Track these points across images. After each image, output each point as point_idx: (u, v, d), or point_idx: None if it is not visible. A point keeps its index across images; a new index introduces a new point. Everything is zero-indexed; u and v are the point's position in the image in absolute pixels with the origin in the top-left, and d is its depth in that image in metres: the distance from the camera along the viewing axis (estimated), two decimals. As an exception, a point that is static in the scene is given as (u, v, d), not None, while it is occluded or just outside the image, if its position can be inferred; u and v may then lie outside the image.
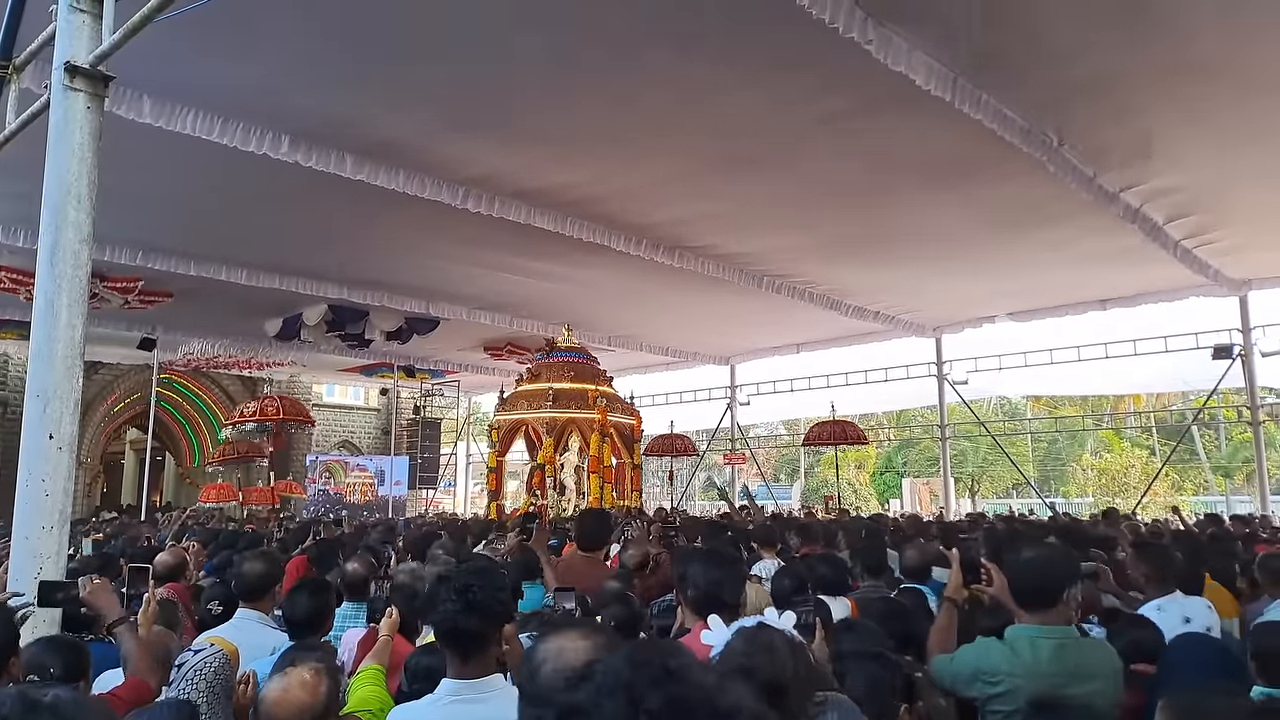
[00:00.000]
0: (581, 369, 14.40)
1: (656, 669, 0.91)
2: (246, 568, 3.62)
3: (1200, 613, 3.57)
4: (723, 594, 2.98)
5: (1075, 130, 8.80)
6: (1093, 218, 11.00)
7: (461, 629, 2.32)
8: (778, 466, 39.05)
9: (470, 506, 28.68)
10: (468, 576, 2.39)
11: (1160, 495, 26.76)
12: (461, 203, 9.89)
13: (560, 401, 13.68)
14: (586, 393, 13.78)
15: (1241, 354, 15.29)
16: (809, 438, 17.43)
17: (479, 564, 2.82)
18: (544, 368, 14.53)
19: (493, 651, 2.42)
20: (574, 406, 13.72)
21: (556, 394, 13.67)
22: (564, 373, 14.19)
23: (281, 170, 8.77)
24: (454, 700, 2.28)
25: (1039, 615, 2.77)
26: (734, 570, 3.13)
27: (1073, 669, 2.68)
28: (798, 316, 16.78)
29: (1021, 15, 6.84)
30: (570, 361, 14.51)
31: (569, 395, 13.80)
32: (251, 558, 3.77)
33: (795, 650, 1.96)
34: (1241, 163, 9.63)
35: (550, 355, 14.77)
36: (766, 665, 1.90)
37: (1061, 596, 2.78)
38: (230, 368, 21.86)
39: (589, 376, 14.32)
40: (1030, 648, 2.71)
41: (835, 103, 8.24)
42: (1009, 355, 18.27)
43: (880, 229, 12.07)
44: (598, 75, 7.64)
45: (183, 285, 13.50)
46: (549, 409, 13.65)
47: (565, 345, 14.83)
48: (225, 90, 7.65)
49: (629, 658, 0.93)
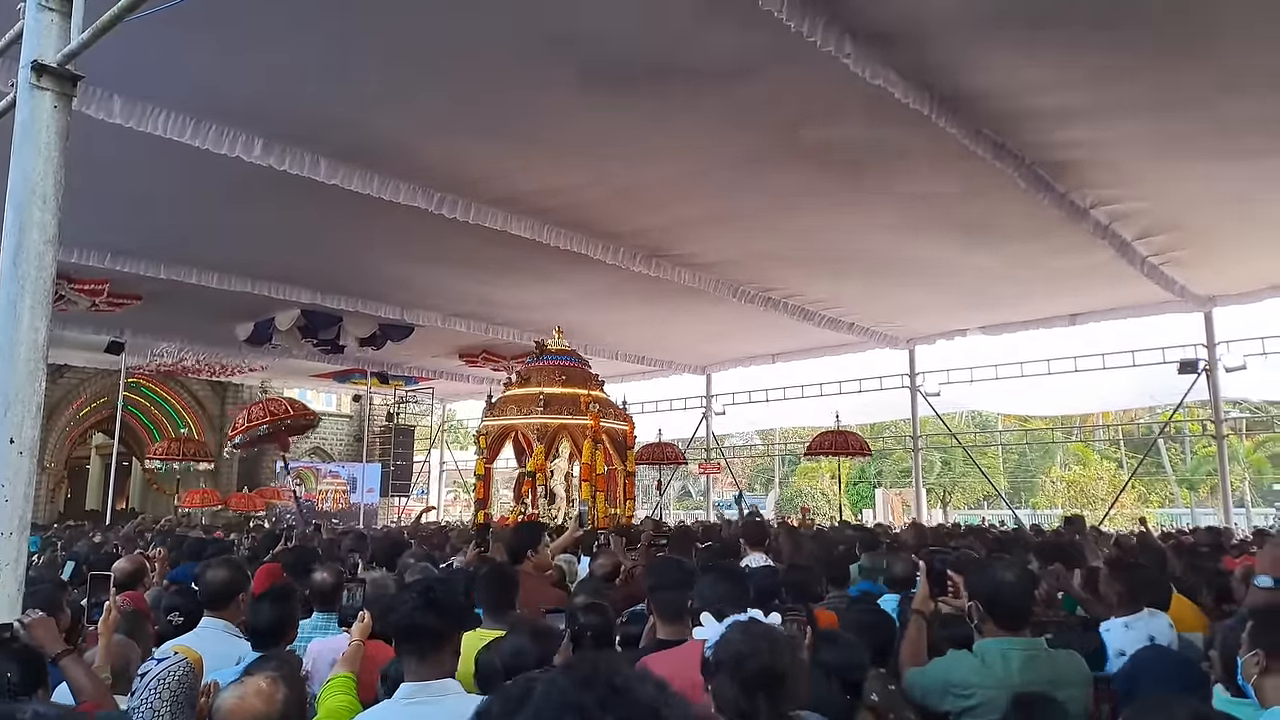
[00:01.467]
0: (573, 372, 13.73)
1: (603, 687, 0.88)
2: (210, 575, 3.56)
3: (1163, 632, 3.62)
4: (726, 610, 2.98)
5: (1045, 148, 8.93)
6: (1063, 234, 11.15)
7: (419, 625, 2.32)
8: (752, 476, 39.16)
9: (443, 514, 28.48)
10: (430, 579, 2.39)
11: (1127, 507, 27.14)
12: (437, 208, 9.85)
13: (551, 407, 13.02)
14: (578, 397, 13.17)
15: (1206, 369, 15.54)
16: (812, 447, 16.94)
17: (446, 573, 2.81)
18: (534, 371, 13.84)
19: (450, 653, 2.41)
20: (565, 412, 13.09)
21: (547, 399, 13.05)
22: (555, 376, 13.50)
23: (254, 173, 8.68)
24: (409, 703, 2.27)
25: (1010, 631, 2.81)
26: (740, 587, 3.12)
27: (1044, 679, 2.71)
28: (773, 327, 16.85)
29: (996, 50, 6.96)
30: (561, 365, 13.80)
31: (560, 400, 13.15)
32: (215, 565, 3.71)
33: (791, 643, 1.99)
34: (1206, 183, 9.80)
35: (540, 358, 14.03)
36: (766, 652, 1.92)
37: (1032, 615, 2.85)
38: (200, 373, 21.62)
39: (581, 380, 13.67)
40: (1001, 659, 2.74)
41: (809, 119, 8.31)
42: (980, 368, 18.46)
43: (854, 243, 12.17)
44: (574, 85, 7.64)
45: (152, 288, 13.33)
46: (540, 414, 13.03)
47: (556, 348, 14.08)
48: (198, 91, 7.57)
49: (573, 677, 0.90)
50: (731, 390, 22.31)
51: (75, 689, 2.81)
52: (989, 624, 2.86)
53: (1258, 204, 10.45)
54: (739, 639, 1.98)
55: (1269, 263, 13.15)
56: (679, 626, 3.16)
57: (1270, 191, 10.02)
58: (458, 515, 29.20)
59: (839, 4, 6.34)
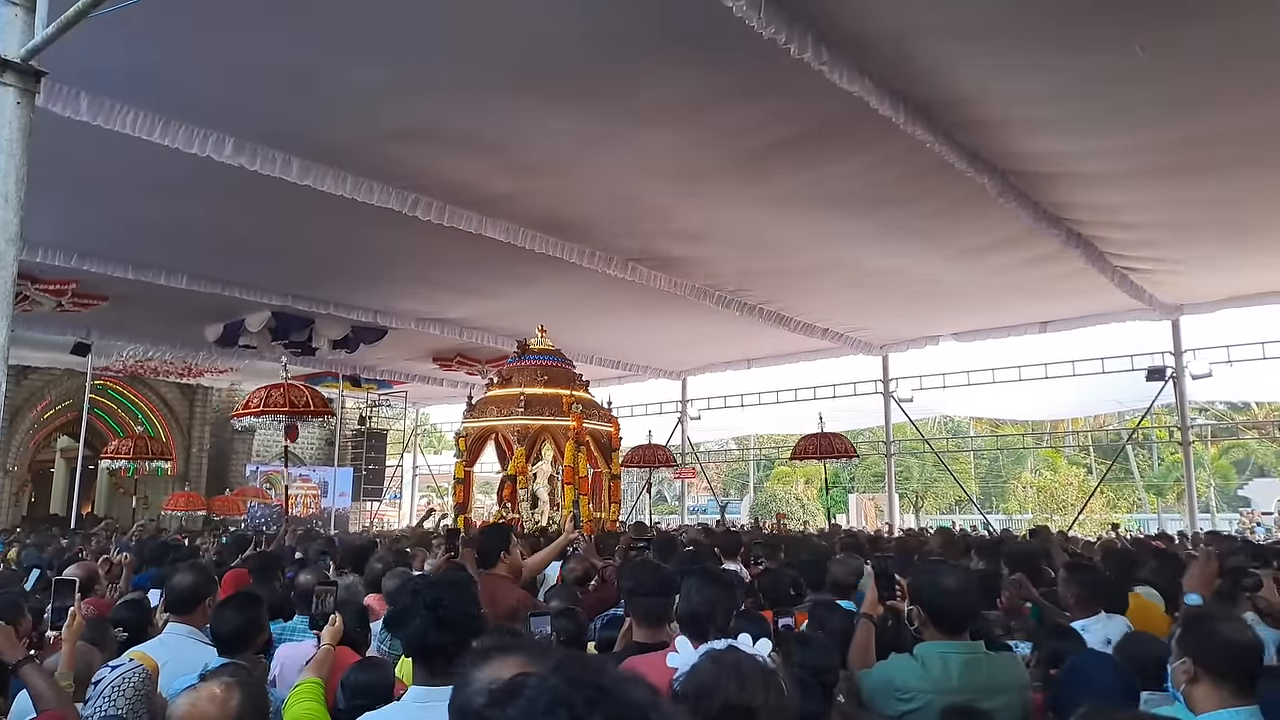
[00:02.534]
0: (555, 372, 13.38)
1: (591, 686, 0.89)
2: (176, 580, 3.50)
3: (1120, 634, 3.67)
4: (716, 615, 2.96)
5: (1018, 157, 9.04)
6: (1034, 243, 11.29)
7: (432, 644, 2.30)
8: (727, 481, 39.22)
9: (416, 519, 28.25)
10: (438, 590, 2.36)
11: (1096, 512, 27.45)
12: (411, 210, 9.77)
13: (533, 407, 12.73)
14: (560, 398, 12.85)
15: (1173, 376, 15.77)
16: (797, 451, 16.55)
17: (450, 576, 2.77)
18: (515, 371, 13.53)
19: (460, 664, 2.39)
20: (547, 413, 12.79)
21: (529, 399, 12.74)
22: (536, 376, 13.16)
23: (225, 173, 8.58)
24: (420, 707, 2.26)
25: (950, 635, 2.83)
26: (729, 592, 3.10)
27: (983, 683, 2.74)
28: (749, 333, 16.92)
29: (970, 61, 7.02)
30: (543, 365, 13.45)
31: (542, 401, 12.84)
32: (181, 569, 3.65)
33: (768, 677, 1.86)
34: (1176, 194, 9.94)
35: (522, 357, 13.70)
36: (732, 688, 1.82)
37: (975, 621, 2.87)
38: (169, 374, 21.34)
39: (563, 380, 13.33)
40: (940, 663, 2.76)
41: (784, 130, 8.36)
42: (953, 374, 18.62)
43: (829, 251, 12.26)
44: (544, 91, 7.62)
45: (120, 289, 13.14)
46: (520, 415, 12.70)
47: (539, 347, 13.67)
48: (167, 90, 7.47)
49: (563, 675, 0.91)
50: (707, 395, 22.34)
51: (35, 697, 2.75)
52: (930, 628, 2.87)
53: (1227, 215, 10.63)
54: (706, 671, 1.88)
55: (1235, 273, 13.38)
56: (656, 630, 3.15)
57: (1238, 203, 10.19)
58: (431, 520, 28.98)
59: (815, 12, 6.37)
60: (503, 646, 1.78)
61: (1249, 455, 33.39)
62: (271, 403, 10.63)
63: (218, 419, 25.26)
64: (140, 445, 16.36)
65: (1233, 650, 2.36)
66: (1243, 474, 33.81)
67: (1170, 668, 2.45)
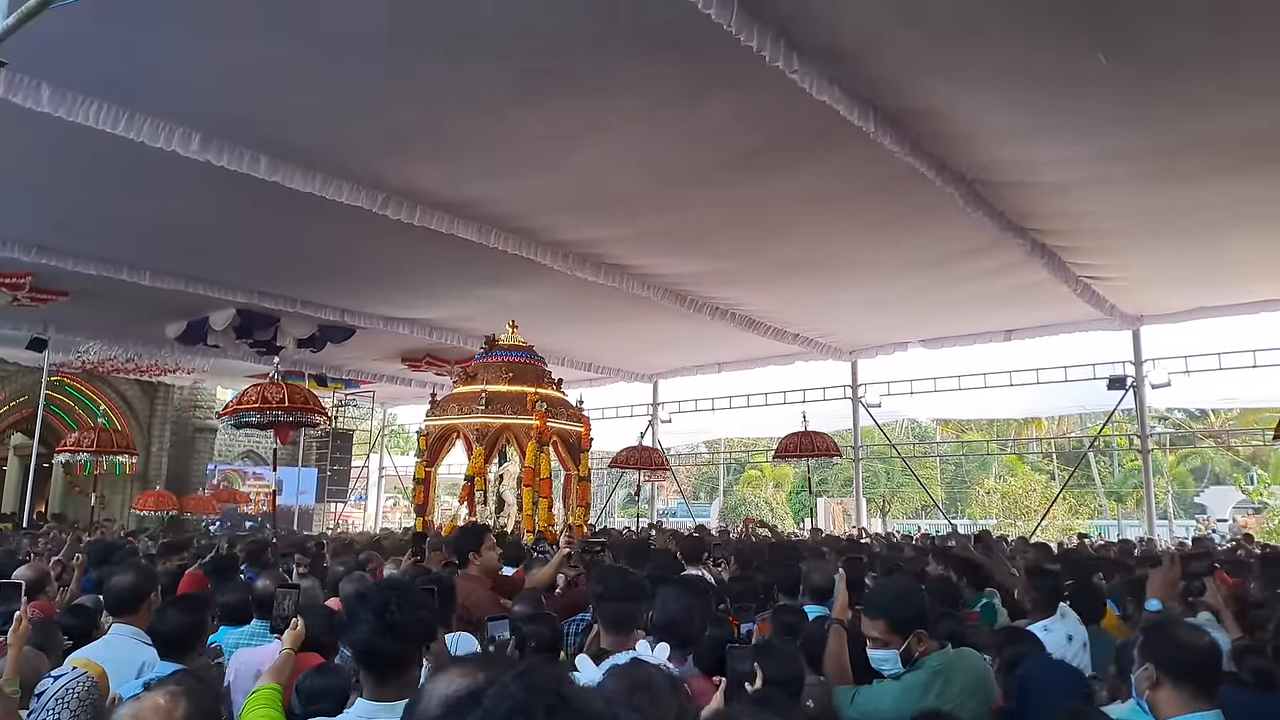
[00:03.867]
0: (521, 369, 12.78)
1: (550, 694, 0.88)
2: (115, 580, 3.44)
3: (1080, 633, 3.74)
4: (692, 623, 2.94)
5: (984, 167, 9.15)
6: (999, 253, 11.44)
7: (378, 650, 2.23)
8: (697, 485, 39.29)
9: (382, 521, 27.99)
10: (385, 594, 2.30)
11: (1059, 518, 27.85)
12: (381, 209, 9.67)
13: (494, 405, 12.14)
14: (525, 396, 12.23)
15: (1134, 385, 16.05)
16: (781, 449, 16.25)
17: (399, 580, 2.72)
18: (481, 368, 12.95)
19: (412, 674, 2.34)
20: (510, 411, 12.16)
21: (490, 397, 12.14)
22: (501, 374, 12.59)
23: (190, 168, 8.43)
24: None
25: None
26: (705, 600, 3.08)
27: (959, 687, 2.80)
28: (720, 337, 16.97)
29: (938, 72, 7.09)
30: (509, 361, 12.86)
31: (505, 399, 12.22)
32: (120, 568, 3.59)
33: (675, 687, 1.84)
34: (1138, 206, 10.11)
35: (489, 354, 13.04)
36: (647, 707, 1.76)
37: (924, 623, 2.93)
38: (129, 372, 20.96)
39: (529, 378, 12.71)
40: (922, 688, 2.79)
41: (756, 135, 8.41)
42: (920, 380, 18.81)
43: (800, 258, 12.33)
44: (521, 90, 7.59)
45: (81, 284, 12.88)
46: (480, 414, 12.13)
47: (508, 343, 13.06)
48: (134, 83, 7.33)
49: (522, 682, 0.90)
50: (678, 399, 22.37)
51: None
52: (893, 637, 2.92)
53: (1187, 227, 10.83)
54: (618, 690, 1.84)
55: (1194, 285, 13.65)
56: (624, 637, 3.14)
57: (1198, 216, 10.39)
58: (397, 522, 28.74)
59: (787, 20, 6.40)
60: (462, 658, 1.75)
61: (1206, 463, 34.05)
62: (265, 401, 10.08)
63: (179, 417, 24.87)
64: (102, 438, 15.34)
65: (1193, 656, 2.40)
66: (1200, 481, 34.46)
67: (1133, 675, 2.48)
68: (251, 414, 10.17)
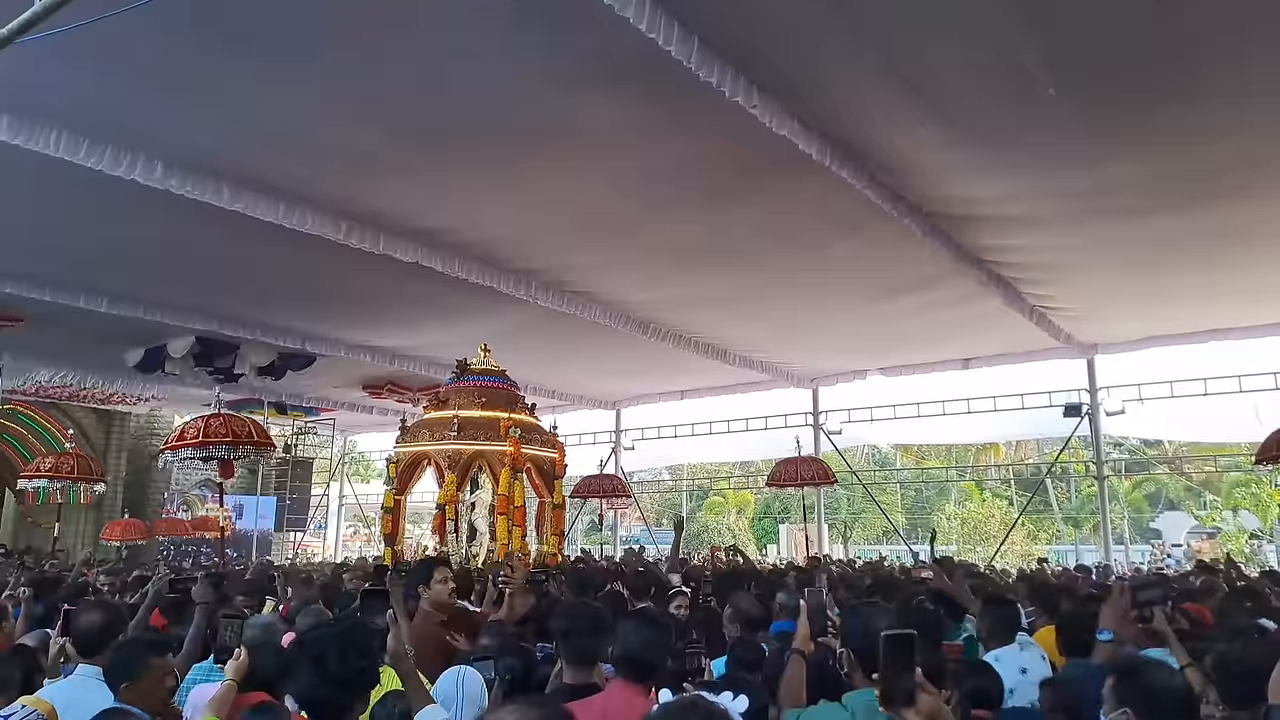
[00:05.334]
0: (494, 394, 12.39)
1: None
2: (84, 620, 3.37)
3: (1036, 663, 3.76)
4: (654, 658, 2.93)
5: (941, 200, 9.36)
6: (957, 284, 11.68)
7: (317, 699, 2.26)
8: (660, 511, 39.21)
9: (343, 550, 27.58)
10: (323, 642, 2.31)
11: (1018, 544, 28.18)
12: (344, 238, 9.66)
13: (467, 431, 11.75)
14: (498, 421, 11.85)
15: (1088, 413, 16.38)
16: (773, 477, 15.62)
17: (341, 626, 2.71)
18: (452, 393, 12.55)
19: (355, 714, 2.36)
20: (482, 437, 11.80)
21: (462, 423, 11.75)
22: (474, 399, 12.17)
23: (151, 195, 8.35)
24: None
25: None
26: (666, 634, 3.07)
27: None
28: (683, 365, 17.06)
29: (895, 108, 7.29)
30: (483, 385, 12.44)
31: (477, 424, 11.82)
32: (88, 608, 3.52)
33: None
34: (1091, 239, 10.39)
35: (461, 378, 12.66)
36: None
37: None
38: (85, 399, 20.54)
39: (502, 403, 12.33)
40: (866, 713, 2.59)
41: (719, 166, 8.55)
42: (880, 408, 19.04)
43: (761, 287, 12.49)
44: (483, 122, 7.67)
45: (35, 309, 12.63)
46: (453, 440, 11.78)
47: (480, 368, 12.70)
48: (94, 111, 7.28)
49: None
50: (641, 426, 22.40)
51: None
52: (858, 673, 2.71)
53: (1137, 259, 11.15)
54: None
55: (1148, 315, 14.02)
56: (587, 671, 3.14)
57: (1148, 248, 10.70)
58: (358, 550, 28.30)
59: (747, 55, 6.54)
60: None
61: (1160, 489, 34.71)
62: (211, 434, 9.75)
63: (135, 445, 24.38)
64: (67, 464, 14.21)
65: (1169, 698, 2.41)
66: (1155, 507, 35.09)
67: (1106, 718, 2.47)
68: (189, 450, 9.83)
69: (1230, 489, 29.00)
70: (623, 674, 2.95)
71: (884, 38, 6.44)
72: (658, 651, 2.97)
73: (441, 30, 6.33)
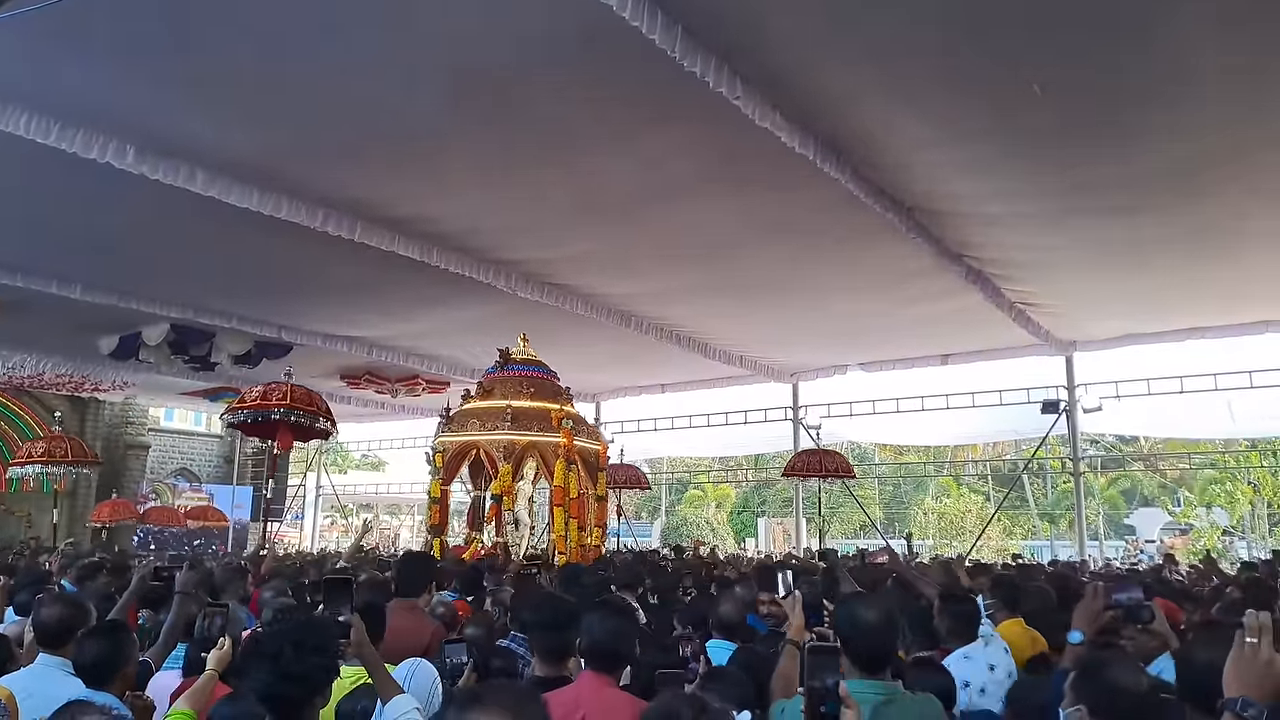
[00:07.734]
0: (542, 385, 12.34)
1: None
2: (44, 613, 3.32)
3: (1001, 659, 3.73)
4: (619, 646, 2.93)
5: (923, 196, 9.38)
6: (936, 279, 11.71)
7: (275, 696, 2.24)
8: (639, 505, 39.25)
9: (319, 540, 27.42)
10: (279, 640, 2.29)
11: (994, 539, 28.45)
12: (321, 226, 9.54)
13: (520, 422, 11.64)
14: (549, 412, 11.78)
15: (1066, 409, 16.50)
16: (790, 468, 15.35)
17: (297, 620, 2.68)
18: (497, 382, 12.37)
19: (315, 710, 2.33)
20: (535, 428, 11.72)
21: (515, 413, 11.65)
22: (522, 388, 12.07)
23: (125, 180, 8.23)
24: None
25: (868, 673, 2.65)
26: (632, 623, 3.06)
27: None
28: (664, 358, 17.05)
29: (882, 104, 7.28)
30: (528, 376, 12.41)
31: (529, 415, 11.75)
32: (49, 600, 3.47)
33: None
34: (1070, 237, 10.45)
35: (505, 368, 12.54)
36: None
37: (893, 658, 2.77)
38: (59, 387, 20.27)
39: (551, 394, 12.28)
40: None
41: (701, 159, 8.51)
42: (859, 403, 19.11)
43: (743, 280, 12.47)
44: (465, 111, 7.59)
45: (7, 296, 12.43)
46: (508, 430, 11.61)
47: (521, 357, 12.68)
48: (65, 93, 7.15)
49: None
50: (620, 419, 22.38)
51: None
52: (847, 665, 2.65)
53: (1116, 258, 11.22)
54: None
55: (1125, 313, 14.12)
56: (557, 665, 3.12)
57: (1127, 247, 10.76)
58: (334, 541, 28.17)
59: (731, 46, 6.50)
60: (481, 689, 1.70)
61: (1135, 485, 35.13)
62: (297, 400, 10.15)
63: (110, 434, 24.13)
64: (58, 448, 13.82)
65: (1128, 698, 2.36)
66: (1130, 503, 35.53)
67: (1064, 713, 2.42)
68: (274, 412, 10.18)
69: (1204, 486, 29.37)
70: (591, 665, 2.94)
71: (866, 33, 6.43)
72: (623, 641, 2.97)
73: (423, 24, 6.26)
